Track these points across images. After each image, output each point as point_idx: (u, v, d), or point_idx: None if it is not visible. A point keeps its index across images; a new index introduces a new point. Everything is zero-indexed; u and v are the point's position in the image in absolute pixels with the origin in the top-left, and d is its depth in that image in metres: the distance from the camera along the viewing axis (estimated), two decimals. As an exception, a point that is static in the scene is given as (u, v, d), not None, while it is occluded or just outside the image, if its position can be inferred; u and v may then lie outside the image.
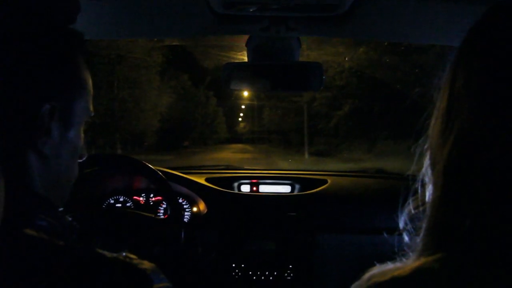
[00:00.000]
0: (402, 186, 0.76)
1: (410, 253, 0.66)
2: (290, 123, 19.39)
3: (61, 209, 0.70)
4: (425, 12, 1.08)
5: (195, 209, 1.90)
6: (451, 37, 1.18)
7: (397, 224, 0.76)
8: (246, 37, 1.46)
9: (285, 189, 2.07)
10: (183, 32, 1.36)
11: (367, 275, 0.62)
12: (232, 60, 1.50)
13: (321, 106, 16.23)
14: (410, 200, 0.73)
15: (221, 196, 1.94)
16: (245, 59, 1.51)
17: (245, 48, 1.50)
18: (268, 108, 22.06)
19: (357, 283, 0.63)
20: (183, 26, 1.27)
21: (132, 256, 0.61)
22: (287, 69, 1.44)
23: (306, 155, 15.75)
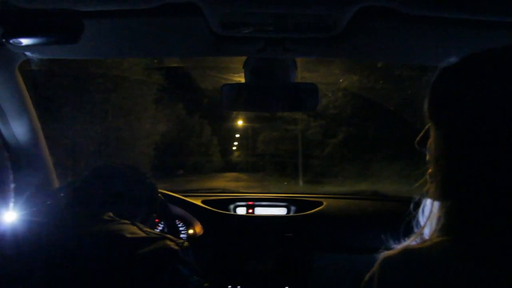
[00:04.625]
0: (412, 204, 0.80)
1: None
2: (284, 152, 19.38)
3: None
4: (418, 33, 1.12)
5: (191, 230, 1.90)
6: (441, 58, 1.22)
7: (392, 244, 0.78)
8: (243, 59, 1.50)
9: (281, 211, 2.08)
10: (182, 52, 1.40)
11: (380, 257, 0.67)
12: (230, 82, 1.53)
13: (315, 134, 16.29)
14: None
15: (217, 218, 1.94)
16: (243, 80, 1.54)
17: (242, 69, 1.54)
18: (263, 137, 22.07)
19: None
20: (183, 46, 1.31)
21: None
22: (284, 90, 1.48)
23: (301, 183, 15.71)
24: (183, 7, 1.05)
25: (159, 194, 1.57)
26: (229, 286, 1.79)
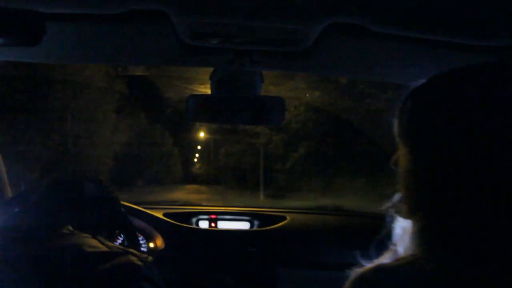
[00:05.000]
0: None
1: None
2: (246, 165, 19.35)
3: None
4: (387, 52, 1.13)
5: (152, 244, 1.85)
6: (410, 77, 1.24)
7: (355, 260, 0.78)
8: (210, 70, 1.48)
9: (244, 225, 2.06)
10: (149, 60, 1.37)
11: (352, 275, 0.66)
12: (196, 93, 1.50)
13: (277, 148, 16.37)
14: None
15: (179, 231, 1.90)
16: (209, 92, 1.52)
17: (209, 81, 1.52)
18: (224, 149, 22.02)
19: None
20: (149, 55, 1.28)
21: None
22: (250, 103, 1.47)
23: (262, 197, 15.73)
24: (151, 14, 1.03)
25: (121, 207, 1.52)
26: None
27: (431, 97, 0.69)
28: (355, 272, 0.68)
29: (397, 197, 0.75)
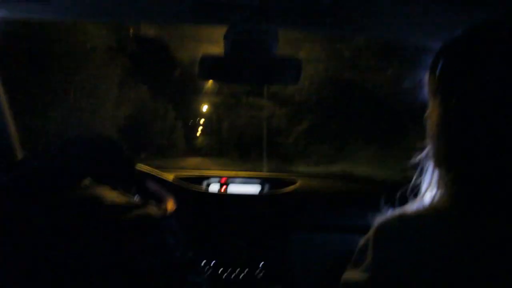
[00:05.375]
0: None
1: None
2: (249, 138, 19.22)
3: None
4: (414, 9, 1.10)
5: (163, 206, 1.86)
6: (431, 36, 1.21)
7: (367, 222, 0.78)
8: (223, 30, 1.45)
9: (255, 189, 2.06)
10: (162, 18, 1.34)
11: (376, 222, 0.66)
12: (209, 53, 1.47)
13: (281, 122, 16.27)
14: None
15: (190, 195, 1.91)
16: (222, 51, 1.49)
17: (223, 40, 1.49)
18: (228, 122, 21.86)
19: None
20: (162, 12, 1.25)
21: None
22: (265, 63, 1.44)
23: (265, 170, 15.70)
24: None
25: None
26: (204, 261, 1.77)
27: (463, 49, 0.68)
28: (379, 219, 0.69)
29: (427, 149, 0.75)
